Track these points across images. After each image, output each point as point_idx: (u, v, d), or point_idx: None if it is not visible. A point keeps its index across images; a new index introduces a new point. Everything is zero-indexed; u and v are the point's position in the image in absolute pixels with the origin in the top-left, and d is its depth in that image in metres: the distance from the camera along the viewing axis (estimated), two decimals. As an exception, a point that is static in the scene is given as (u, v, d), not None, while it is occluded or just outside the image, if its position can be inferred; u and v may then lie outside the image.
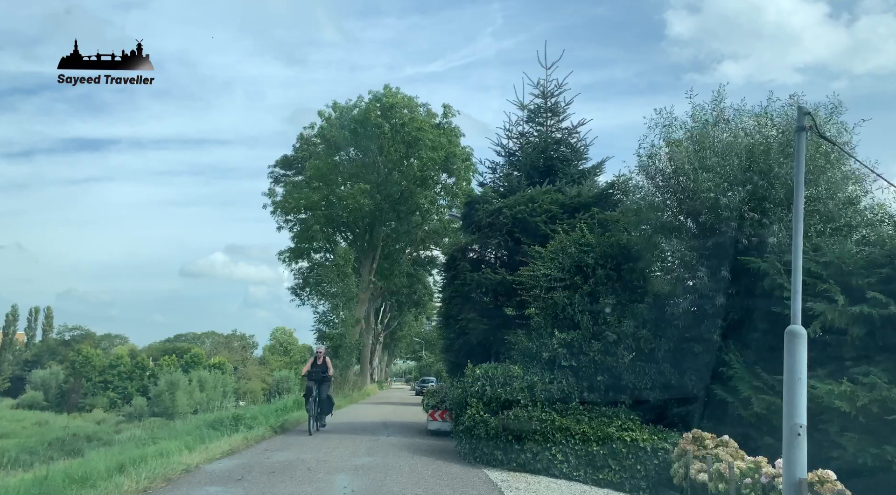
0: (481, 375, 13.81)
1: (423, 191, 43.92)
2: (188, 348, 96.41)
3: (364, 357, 49.97)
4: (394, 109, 42.19)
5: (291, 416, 22.25)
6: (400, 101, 42.54)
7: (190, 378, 79.76)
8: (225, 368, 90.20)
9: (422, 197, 43.71)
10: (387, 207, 43.56)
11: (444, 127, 43.70)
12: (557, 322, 14.03)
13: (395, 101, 42.24)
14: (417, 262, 56.28)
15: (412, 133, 41.80)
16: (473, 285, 18.17)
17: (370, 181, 42.63)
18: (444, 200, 46.47)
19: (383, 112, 42.03)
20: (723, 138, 13.36)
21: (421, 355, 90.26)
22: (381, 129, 41.34)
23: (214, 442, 14.31)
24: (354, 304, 43.10)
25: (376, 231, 45.30)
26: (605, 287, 13.99)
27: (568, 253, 14.57)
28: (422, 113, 43.55)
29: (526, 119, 20.20)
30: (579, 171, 19.31)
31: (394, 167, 42.69)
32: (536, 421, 12.41)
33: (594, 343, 13.40)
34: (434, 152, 41.77)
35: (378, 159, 42.73)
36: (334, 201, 43.69)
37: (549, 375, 13.43)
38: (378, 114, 41.94)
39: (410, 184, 43.14)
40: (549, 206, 17.63)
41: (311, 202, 43.10)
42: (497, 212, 17.94)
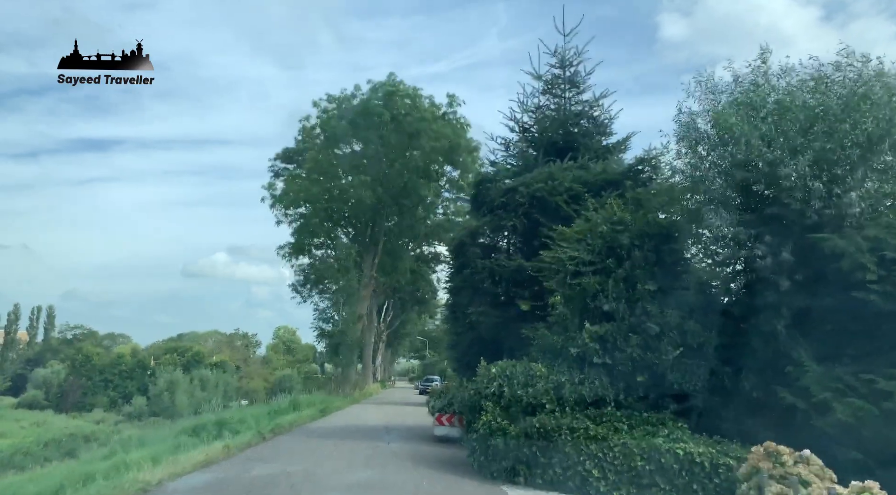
0: (498, 374, 11.59)
1: (427, 183, 41.56)
2: (189, 347, 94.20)
3: (366, 355, 47.62)
4: (395, 98, 39.87)
5: (285, 419, 20.06)
6: (402, 90, 40.23)
7: (191, 377, 77.55)
8: (226, 367, 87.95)
9: (426, 189, 41.34)
10: (389, 200, 41.18)
11: (450, 117, 41.35)
12: (587, 312, 11.81)
13: (397, 89, 39.94)
14: (421, 259, 53.94)
15: (415, 123, 39.48)
16: (485, 274, 15.95)
17: (372, 173, 40.29)
18: (449, 193, 44.18)
19: (385, 101, 39.74)
20: (775, 101, 11.19)
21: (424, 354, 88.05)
22: (382, 119, 39.04)
23: (188, 453, 12.11)
24: (356, 301, 40.82)
25: (378, 225, 42.92)
26: (643, 271, 11.75)
27: (599, 232, 12.34)
28: (425, 103, 41.22)
29: (542, 90, 17.96)
30: (603, 147, 17.07)
31: (396, 158, 40.32)
32: (566, 429, 10.18)
33: (632, 336, 11.17)
34: (438, 143, 39.44)
35: (380, 150, 40.35)
36: (335, 194, 41.36)
37: (577, 374, 11.21)
38: (379, 103, 39.66)
39: (413, 176, 40.80)
40: (571, 184, 15.42)
41: (310, 195, 40.77)
42: (512, 190, 15.73)
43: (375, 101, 39.72)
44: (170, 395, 72.72)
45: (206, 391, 79.07)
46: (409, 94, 40.65)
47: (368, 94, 40.20)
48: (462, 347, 17.72)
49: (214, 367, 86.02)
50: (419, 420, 23.89)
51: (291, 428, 19.11)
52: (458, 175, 43.30)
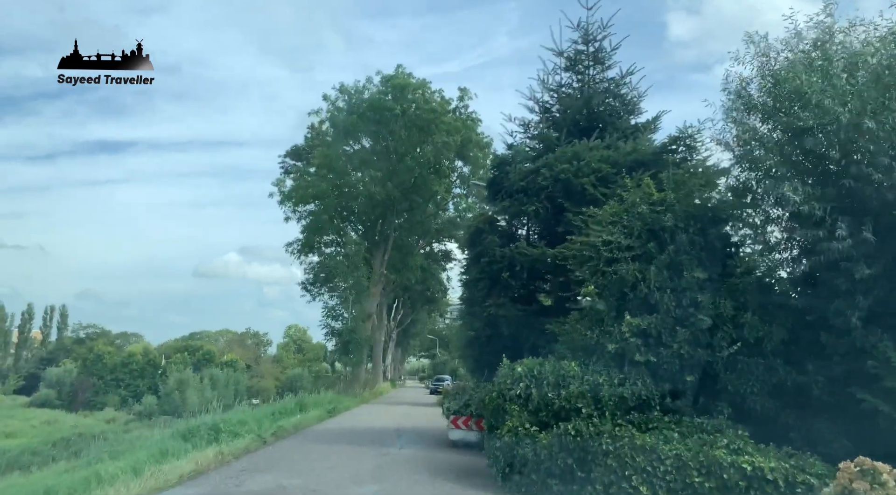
0: (524, 374, 10.05)
1: (438, 178, 40.04)
2: (200, 346, 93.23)
3: (376, 354, 46.15)
4: (406, 92, 38.41)
5: (290, 421, 18.61)
6: (412, 83, 38.74)
7: (201, 376, 76.51)
8: (237, 366, 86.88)
9: (436, 184, 39.81)
10: (399, 196, 39.67)
11: (461, 111, 39.84)
12: (625, 304, 10.24)
13: (407, 83, 38.45)
14: (431, 257, 52.45)
15: (425, 116, 38.01)
16: (503, 264, 14.40)
17: (381, 168, 38.85)
18: (461, 189, 42.63)
19: (395, 94, 38.28)
20: (850, 56, 9.58)
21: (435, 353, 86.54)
22: (392, 113, 37.59)
23: (175, 462, 10.64)
24: (365, 298, 39.38)
25: (388, 221, 41.42)
26: (689, 257, 10.17)
27: (637, 213, 10.76)
28: (436, 97, 39.73)
29: (564, 67, 16.38)
30: (631, 127, 15.48)
31: (406, 153, 38.82)
32: (607, 437, 8.61)
33: (679, 330, 9.58)
34: (449, 137, 37.94)
35: (390, 145, 38.92)
36: (344, 190, 39.95)
37: (616, 374, 9.65)
38: (389, 97, 38.21)
39: (424, 171, 39.29)
40: (599, 165, 13.85)
41: (319, 191, 39.37)
42: (533, 173, 14.19)
43: (385, 94, 38.29)
44: (180, 394, 71.67)
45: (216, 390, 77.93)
46: (420, 87, 39.16)
47: (378, 87, 38.74)
48: (478, 344, 16.18)
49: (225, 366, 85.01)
50: (432, 421, 22.37)
51: (296, 430, 17.67)
52: (469, 171, 41.81)
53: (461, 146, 39.16)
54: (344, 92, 39.25)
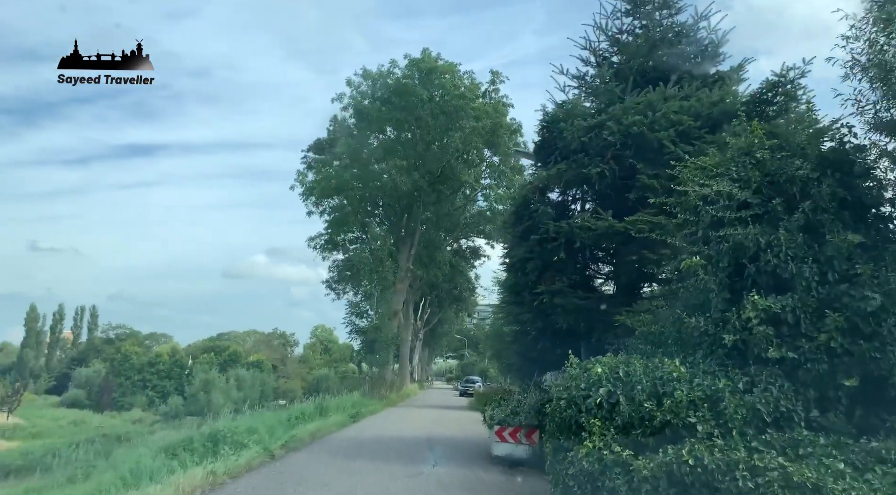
0: (606, 376, 7.30)
1: (467, 167, 37.32)
2: (227, 346, 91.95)
3: (403, 354, 43.51)
4: (433, 76, 35.82)
5: (306, 428, 16.08)
6: (440, 67, 36.13)
7: (227, 377, 74.91)
8: (264, 366, 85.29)
9: (465, 173, 37.09)
10: (426, 187, 37.04)
11: (491, 96, 37.04)
12: (744, 280, 7.43)
13: (435, 66, 35.85)
14: (459, 254, 49.74)
15: (454, 101, 35.36)
16: (560, 241, 11.64)
17: (407, 157, 36.30)
18: (490, 180, 39.77)
19: (421, 79, 35.72)
20: None
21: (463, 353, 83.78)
22: (419, 98, 35.03)
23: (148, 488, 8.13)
24: (391, 295, 36.81)
25: (414, 214, 38.77)
26: (830, 216, 7.33)
27: (754, 160, 7.94)
28: (465, 81, 37.06)
29: (625, 11, 13.58)
30: (711, 77, 12.62)
31: (433, 140, 36.18)
32: (743, 469, 5.83)
33: (829, 315, 6.74)
34: (478, 122, 35.20)
35: (416, 132, 36.33)
36: (369, 182, 37.43)
37: (739, 377, 6.85)
38: (415, 81, 35.68)
39: (452, 160, 36.61)
40: (679, 117, 11.05)
41: (342, 182, 36.96)
42: (597, 128, 11.42)
43: (411, 79, 35.74)
44: (206, 395, 70.18)
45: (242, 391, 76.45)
46: (448, 70, 36.52)
47: (404, 72, 36.19)
48: (526, 340, 13.47)
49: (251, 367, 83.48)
50: (466, 428, 19.68)
51: (312, 440, 15.13)
52: (498, 160, 38.99)
53: (491, 132, 36.33)
54: (368, 77, 36.75)
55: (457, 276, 51.71)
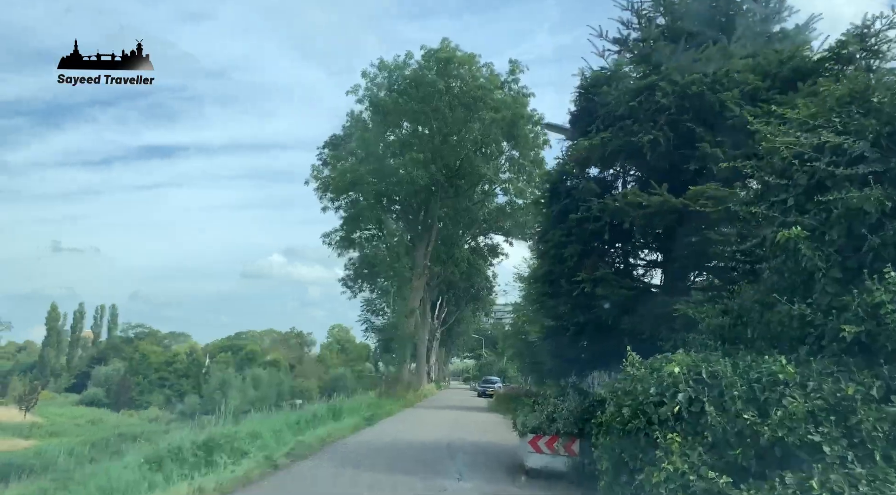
0: (685, 378, 5.68)
1: (486, 161, 35.69)
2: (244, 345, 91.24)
3: (420, 353, 41.97)
4: (451, 67, 34.26)
5: (315, 433, 14.60)
6: (458, 57, 34.55)
7: (244, 376, 74.02)
8: (280, 366, 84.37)
9: (484, 166, 35.45)
10: (443, 181, 35.47)
11: (511, 86, 35.39)
12: (861, 256, 5.77)
13: (453, 55, 34.28)
14: (477, 252, 48.00)
15: (472, 92, 33.78)
16: (605, 219, 9.98)
17: (424, 150, 34.73)
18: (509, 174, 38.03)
19: (439, 69, 34.18)
20: None
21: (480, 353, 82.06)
22: (436, 88, 33.49)
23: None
24: (408, 292, 35.29)
25: (432, 209, 37.14)
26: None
27: (866, 107, 6.25)
28: (484, 72, 35.46)
29: (673, -35, 11.87)
30: (774, 35, 10.88)
31: (451, 133, 34.57)
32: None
33: None
34: (497, 113, 33.56)
35: (433, 125, 34.75)
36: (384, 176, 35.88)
37: (869, 381, 5.18)
38: (433, 72, 34.14)
39: (470, 153, 35.01)
40: (744, 76, 9.37)
41: (357, 176, 35.50)
42: (648, 89, 9.76)
43: (429, 69, 34.24)
44: (222, 394, 69.34)
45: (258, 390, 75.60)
46: (467, 61, 34.96)
47: (421, 62, 34.69)
48: (562, 337, 11.78)
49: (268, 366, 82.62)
50: (488, 431, 18.10)
51: (322, 445, 13.63)
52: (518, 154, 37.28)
53: (510, 124, 34.68)
54: (384, 68, 35.25)
55: (474, 275, 50.16)
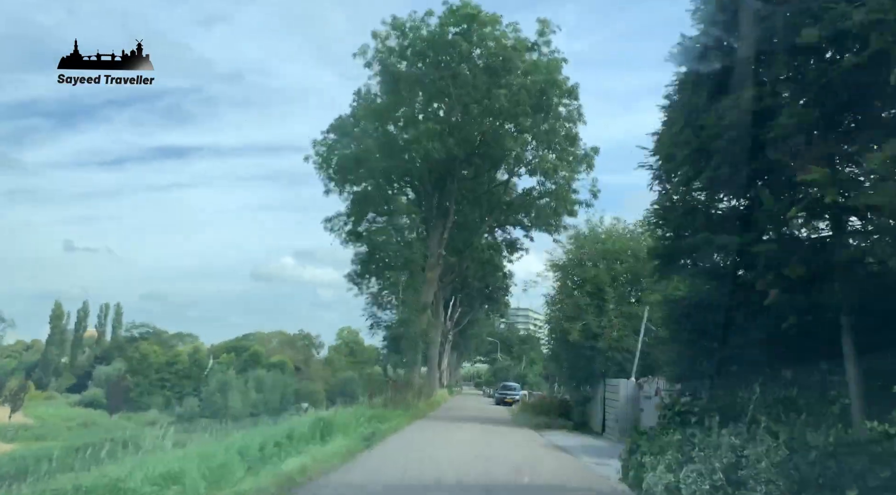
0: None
1: (514, 134, 30.54)
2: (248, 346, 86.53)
3: (431, 356, 36.73)
4: (473, 27, 29.34)
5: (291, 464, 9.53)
6: (482, 16, 29.61)
7: (245, 378, 69.07)
8: (285, 368, 79.44)
9: (511, 141, 30.29)
10: (462, 157, 30.42)
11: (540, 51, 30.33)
12: None
13: (476, 14, 29.32)
14: (493, 248, 42.68)
15: (499, 54, 28.80)
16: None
17: (441, 121, 29.78)
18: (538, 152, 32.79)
19: (461, 30, 29.28)
20: None
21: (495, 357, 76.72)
22: (457, 50, 28.57)
23: None
24: (420, 284, 30.19)
25: (448, 190, 31.95)
26: None
27: None
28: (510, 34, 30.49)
29: None
30: None
31: (473, 102, 29.51)
32: None
33: None
34: (528, 78, 28.55)
35: (452, 93, 29.71)
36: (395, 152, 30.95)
37: None
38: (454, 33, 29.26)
39: (494, 125, 29.95)
40: None
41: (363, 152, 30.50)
42: None
43: (450, 28, 29.35)
44: (222, 397, 64.60)
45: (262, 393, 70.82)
46: (491, 22, 30.03)
47: (441, 21, 29.78)
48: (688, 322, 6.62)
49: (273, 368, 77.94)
50: (537, 463, 12.87)
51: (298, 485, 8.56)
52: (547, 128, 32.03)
53: (540, 93, 29.58)
54: (398, 27, 30.26)
55: (489, 274, 45.09)
